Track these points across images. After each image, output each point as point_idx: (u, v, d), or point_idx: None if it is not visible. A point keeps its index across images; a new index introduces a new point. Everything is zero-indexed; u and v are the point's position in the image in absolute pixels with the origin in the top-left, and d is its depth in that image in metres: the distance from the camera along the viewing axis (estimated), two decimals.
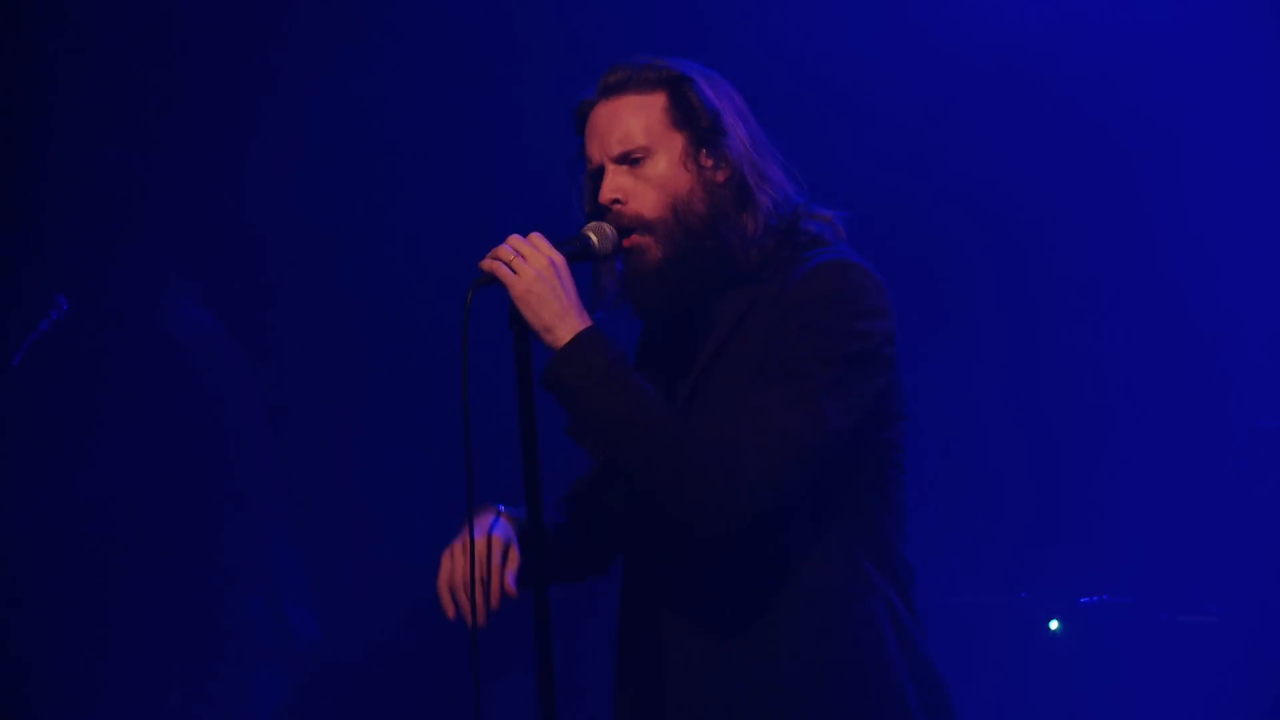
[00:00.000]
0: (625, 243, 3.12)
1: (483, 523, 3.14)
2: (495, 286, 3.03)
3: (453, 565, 3.12)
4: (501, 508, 3.20)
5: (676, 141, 3.15)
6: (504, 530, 3.13)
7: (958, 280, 6.85)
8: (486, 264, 3.00)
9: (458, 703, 6.74)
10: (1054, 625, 6.15)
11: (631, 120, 3.15)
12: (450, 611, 3.14)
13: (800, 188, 3.22)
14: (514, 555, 3.12)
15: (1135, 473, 6.71)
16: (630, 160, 3.15)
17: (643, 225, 3.12)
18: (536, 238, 3.01)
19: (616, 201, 3.14)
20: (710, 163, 3.15)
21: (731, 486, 2.93)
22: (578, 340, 2.97)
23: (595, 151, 3.18)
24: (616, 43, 6.71)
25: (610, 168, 3.15)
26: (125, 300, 4.90)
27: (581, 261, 3.13)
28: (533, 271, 2.97)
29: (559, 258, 3.00)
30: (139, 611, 4.96)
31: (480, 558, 3.09)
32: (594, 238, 3.12)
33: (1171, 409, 6.73)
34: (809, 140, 3.32)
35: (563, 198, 3.32)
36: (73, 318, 4.89)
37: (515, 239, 3.01)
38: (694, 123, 3.15)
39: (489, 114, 7.02)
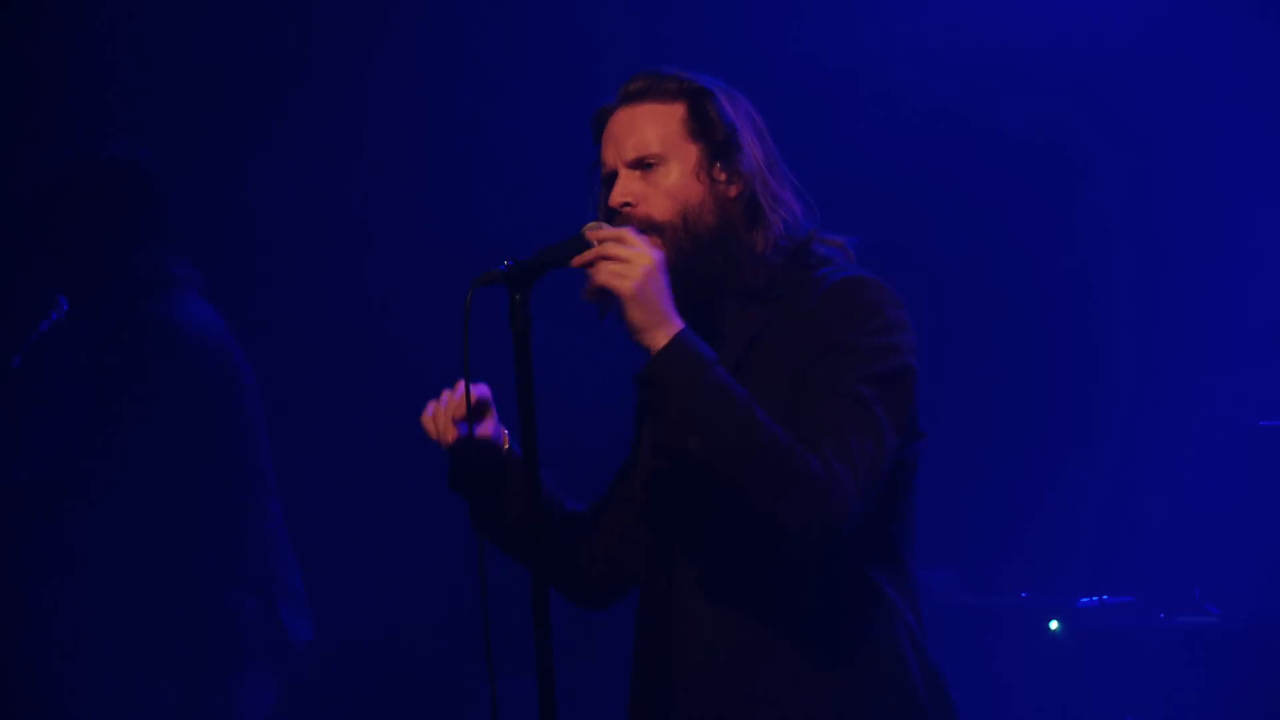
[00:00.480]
0: None
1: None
2: (495, 286, 3.02)
3: (437, 402, 3.19)
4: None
5: (691, 152, 3.15)
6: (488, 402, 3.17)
7: (957, 281, 6.85)
8: (596, 270, 2.95)
9: (454, 704, 6.74)
10: (1054, 625, 6.15)
11: (648, 127, 3.15)
12: (433, 432, 3.21)
13: (811, 212, 3.21)
14: (488, 422, 3.20)
15: (1135, 473, 6.71)
16: (643, 166, 3.14)
17: (651, 227, 3.12)
18: (632, 234, 2.99)
19: (627, 205, 3.13)
20: (723, 176, 3.14)
21: (832, 499, 2.93)
22: (678, 341, 2.95)
23: (610, 156, 3.18)
24: (618, 46, 6.72)
25: (623, 172, 3.15)
26: (127, 295, 4.89)
27: None
28: (641, 271, 2.95)
29: (660, 255, 2.97)
30: (133, 611, 4.95)
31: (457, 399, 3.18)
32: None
33: (1172, 409, 6.73)
34: (803, 145, 3.32)
35: (566, 196, 3.31)
36: (74, 314, 4.89)
37: (625, 236, 2.96)
38: (710, 136, 3.14)
39: (494, 113, 7.02)
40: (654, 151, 3.15)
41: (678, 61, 3.26)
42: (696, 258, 3.12)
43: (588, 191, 3.25)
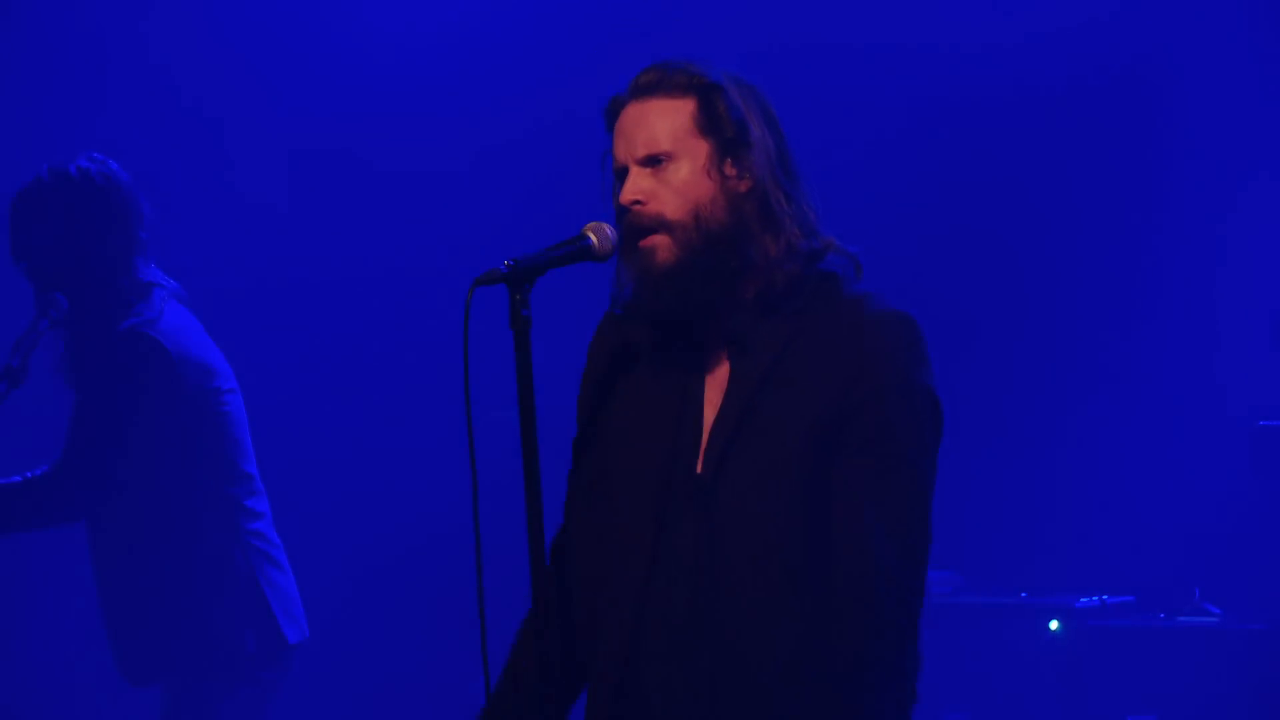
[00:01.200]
0: (641, 243, 3.11)
1: None
2: (495, 285, 3.02)
3: None
4: None
5: (701, 149, 3.13)
6: None
7: (957, 280, 6.85)
8: None
9: (453, 704, 6.74)
10: (1054, 625, 6.15)
11: (658, 123, 3.13)
12: None
13: (820, 217, 3.19)
14: None
15: (1135, 473, 6.71)
16: (654, 163, 3.13)
17: (661, 225, 3.10)
18: None
19: (637, 203, 3.12)
20: (734, 172, 3.12)
21: (900, 629, 3.04)
22: None
23: (621, 152, 3.16)
24: (621, 43, 6.72)
25: (634, 169, 3.14)
26: (103, 306, 4.89)
27: (582, 262, 3.12)
28: None
29: None
30: (120, 614, 4.95)
31: None
32: (594, 238, 3.10)
33: (1172, 409, 6.73)
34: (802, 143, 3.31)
35: (569, 195, 3.30)
36: (73, 315, 4.89)
37: None
38: (720, 131, 3.13)
39: (495, 111, 7.02)
40: (664, 148, 3.13)
41: (688, 50, 3.24)
42: (708, 256, 3.09)
43: (601, 180, 3.23)
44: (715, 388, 3.12)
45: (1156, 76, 6.76)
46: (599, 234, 3.10)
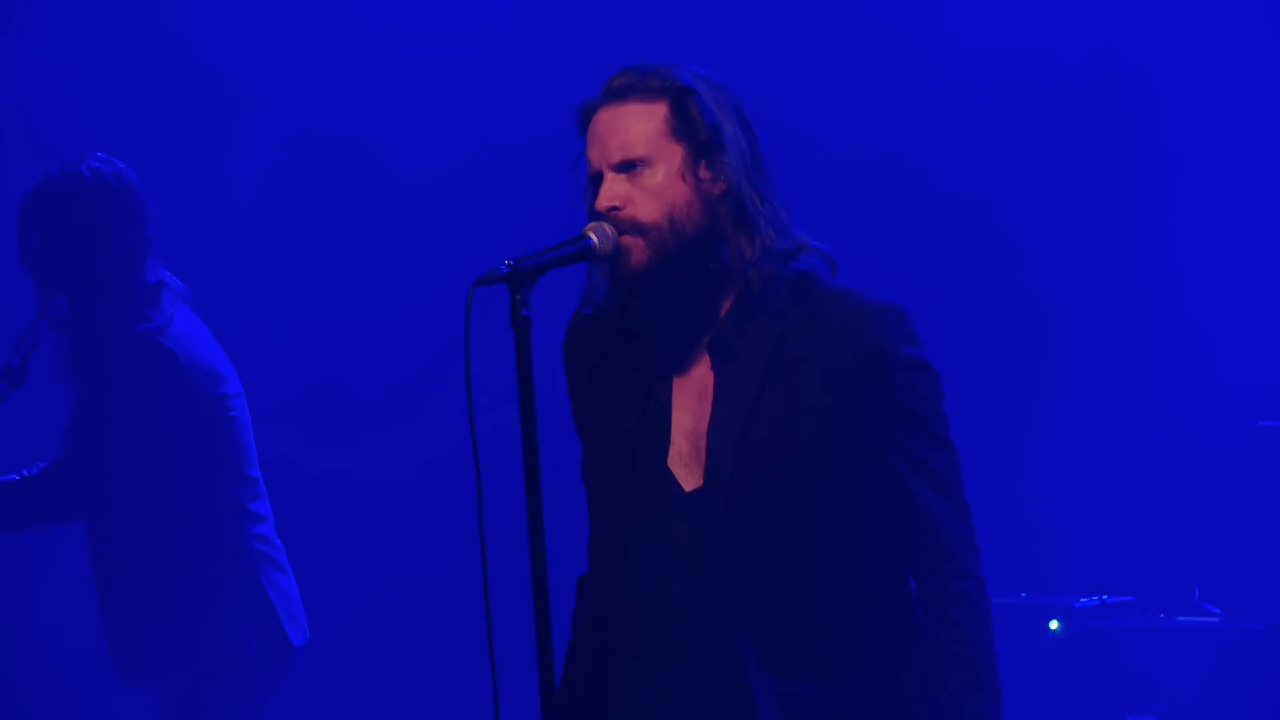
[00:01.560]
0: (619, 241, 3.12)
1: None
2: (495, 285, 3.03)
3: None
4: None
5: (675, 153, 3.14)
6: None
7: (957, 279, 6.85)
8: None
9: (454, 704, 6.74)
10: (1054, 625, 6.16)
11: (632, 128, 3.14)
12: None
13: (792, 216, 3.20)
14: None
15: (1135, 473, 6.71)
16: (628, 168, 3.14)
17: (637, 228, 3.12)
18: None
19: (613, 209, 3.13)
20: (708, 175, 3.14)
21: (980, 609, 3.35)
22: None
23: (595, 157, 3.17)
24: (621, 42, 6.72)
25: (609, 175, 3.15)
26: (114, 308, 4.89)
27: (582, 262, 3.13)
28: None
29: None
30: (122, 616, 4.95)
31: None
32: (595, 238, 3.11)
33: (1171, 409, 6.73)
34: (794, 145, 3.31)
35: (568, 195, 3.31)
36: (72, 315, 4.89)
37: None
38: (694, 135, 3.14)
39: (494, 111, 7.02)
40: (638, 154, 3.14)
41: (684, 46, 3.25)
42: (682, 258, 3.11)
43: (574, 182, 3.25)
44: (690, 391, 3.15)
45: (1159, 71, 6.76)
46: (600, 234, 3.12)
